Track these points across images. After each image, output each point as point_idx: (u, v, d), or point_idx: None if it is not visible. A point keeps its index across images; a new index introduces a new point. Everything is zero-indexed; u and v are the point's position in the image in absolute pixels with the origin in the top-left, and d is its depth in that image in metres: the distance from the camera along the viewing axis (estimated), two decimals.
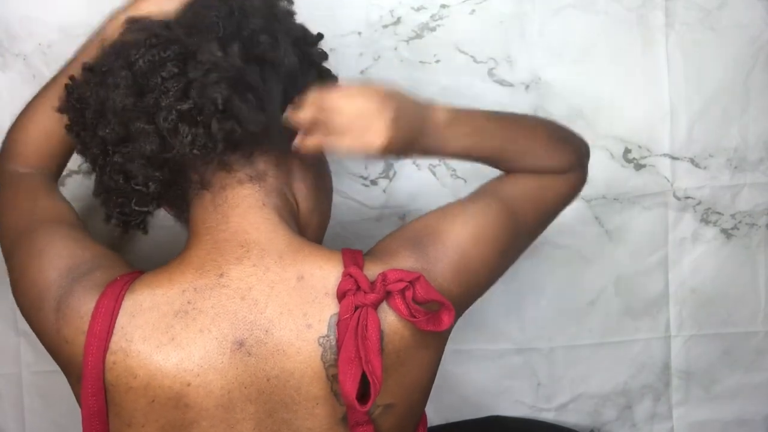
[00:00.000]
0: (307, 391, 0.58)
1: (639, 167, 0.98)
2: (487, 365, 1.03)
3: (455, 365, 1.01)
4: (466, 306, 0.66)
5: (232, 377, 0.58)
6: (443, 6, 0.94)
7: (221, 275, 0.59)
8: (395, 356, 0.59)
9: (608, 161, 0.98)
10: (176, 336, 0.57)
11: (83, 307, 0.59)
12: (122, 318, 0.58)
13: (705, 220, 1.00)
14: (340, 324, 0.57)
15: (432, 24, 0.93)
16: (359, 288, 0.57)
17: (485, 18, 0.94)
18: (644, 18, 0.96)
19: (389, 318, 0.58)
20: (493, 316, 1.02)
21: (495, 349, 1.03)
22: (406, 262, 0.60)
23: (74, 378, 0.60)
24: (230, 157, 0.62)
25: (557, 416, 1.05)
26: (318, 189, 0.69)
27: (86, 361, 0.57)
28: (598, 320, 1.02)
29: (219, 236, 0.61)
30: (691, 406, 1.04)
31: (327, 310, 0.58)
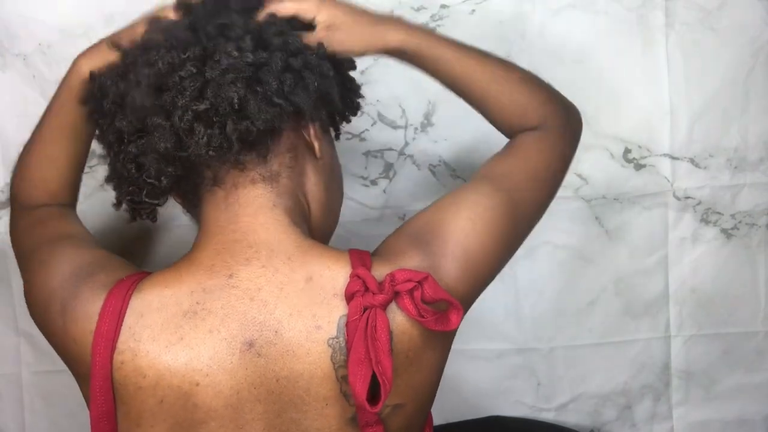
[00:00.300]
0: (317, 392, 0.58)
1: (639, 167, 0.99)
2: (487, 365, 1.03)
3: (455, 365, 1.01)
4: (473, 301, 0.66)
5: (242, 377, 0.58)
6: (443, 6, 0.94)
7: (231, 276, 0.59)
8: (404, 356, 0.59)
9: (608, 161, 0.98)
10: (185, 336, 0.57)
11: (91, 308, 0.59)
12: (130, 318, 0.58)
13: (705, 220, 1.00)
14: (350, 325, 0.57)
15: (432, 24, 0.93)
16: (368, 289, 0.57)
17: (485, 18, 0.94)
18: (644, 18, 0.96)
19: (398, 318, 0.58)
20: (493, 316, 1.02)
21: (495, 349, 1.03)
22: (413, 261, 0.60)
23: (83, 379, 0.61)
24: (245, 157, 0.62)
25: (557, 416, 1.05)
26: (330, 193, 0.69)
27: (94, 361, 0.57)
28: (598, 320, 1.02)
29: (229, 236, 0.61)
30: (691, 406, 1.04)
31: (336, 312, 0.58)
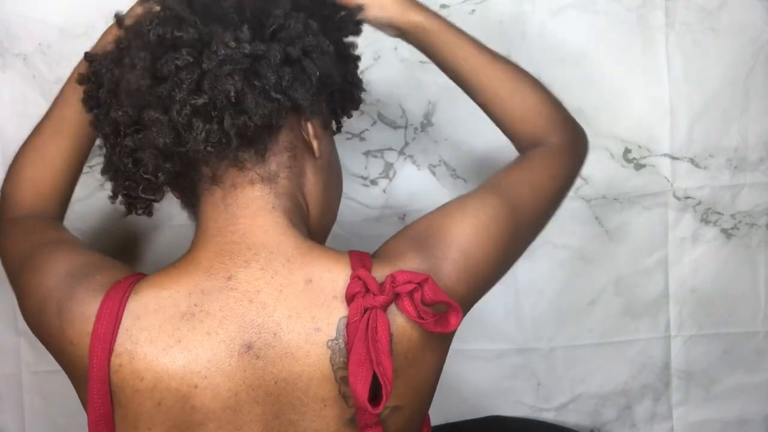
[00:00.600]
0: (315, 394, 0.58)
1: (639, 167, 0.99)
2: (487, 365, 1.03)
3: (455, 365, 1.01)
4: (472, 304, 0.66)
5: (240, 380, 0.57)
6: (443, 6, 0.94)
7: (229, 278, 0.59)
8: (403, 358, 0.59)
9: (608, 161, 0.98)
10: (183, 338, 0.57)
11: (87, 309, 0.58)
12: (127, 320, 0.57)
13: (705, 220, 1.00)
14: (350, 326, 0.57)
15: None
16: (368, 290, 0.56)
17: (485, 18, 0.95)
18: (644, 18, 0.96)
19: (397, 320, 0.58)
20: (493, 316, 1.02)
21: (495, 349, 1.03)
22: (413, 263, 0.60)
23: (80, 381, 0.60)
24: (244, 155, 0.61)
25: (557, 416, 1.05)
26: (329, 192, 0.69)
27: (92, 364, 0.57)
28: (598, 320, 1.02)
29: (228, 238, 0.61)
30: (691, 406, 1.05)
31: (336, 313, 0.58)
